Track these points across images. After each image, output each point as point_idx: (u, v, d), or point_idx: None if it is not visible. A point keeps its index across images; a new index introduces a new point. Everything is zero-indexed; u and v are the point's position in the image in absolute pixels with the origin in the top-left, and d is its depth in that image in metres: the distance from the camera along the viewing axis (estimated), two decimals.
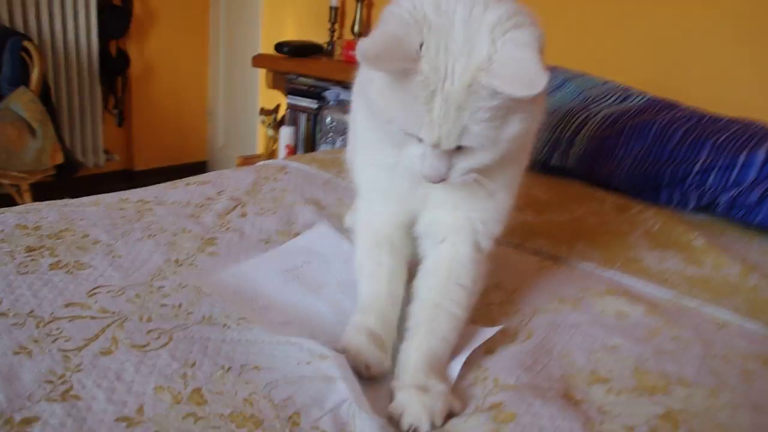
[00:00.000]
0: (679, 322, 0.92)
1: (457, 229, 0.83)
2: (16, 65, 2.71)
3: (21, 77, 2.72)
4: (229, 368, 0.70)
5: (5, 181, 2.60)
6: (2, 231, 1.00)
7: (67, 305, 0.80)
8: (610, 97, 1.84)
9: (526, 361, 0.77)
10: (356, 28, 2.81)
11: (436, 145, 0.69)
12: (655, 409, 0.70)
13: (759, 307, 1.01)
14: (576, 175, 1.70)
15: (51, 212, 1.10)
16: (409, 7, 0.68)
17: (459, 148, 0.70)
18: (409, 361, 0.72)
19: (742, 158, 1.43)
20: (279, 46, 2.81)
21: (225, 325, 0.79)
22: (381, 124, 0.74)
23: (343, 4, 2.96)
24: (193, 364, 0.70)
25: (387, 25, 0.68)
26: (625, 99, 1.84)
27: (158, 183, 1.31)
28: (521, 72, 0.62)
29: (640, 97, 1.85)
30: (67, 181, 2.92)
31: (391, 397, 0.69)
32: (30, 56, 2.70)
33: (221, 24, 3.82)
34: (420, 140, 0.71)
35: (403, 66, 0.66)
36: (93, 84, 3.37)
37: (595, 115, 1.73)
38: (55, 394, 0.63)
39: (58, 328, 0.74)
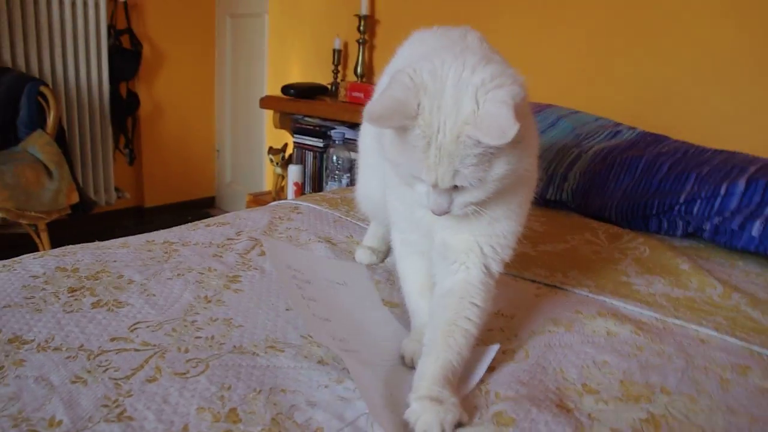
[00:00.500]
0: (664, 339, 1.01)
1: (467, 252, 0.92)
2: (32, 110, 2.83)
3: (37, 121, 2.84)
4: (260, 390, 0.79)
5: (24, 221, 2.70)
6: (44, 274, 1.10)
7: (112, 339, 0.89)
8: (602, 133, 1.96)
9: (523, 377, 0.86)
10: (359, 70, 2.94)
11: (435, 185, 0.80)
12: (639, 414, 0.79)
13: (738, 324, 1.10)
14: (571, 208, 1.80)
15: (85, 255, 1.20)
16: (411, 73, 0.80)
17: (456, 187, 0.81)
18: (426, 373, 0.80)
19: (723, 188, 1.54)
20: (285, 89, 2.94)
21: (254, 353, 0.88)
22: (394, 168, 0.86)
23: (345, 47, 3.10)
24: (229, 388, 0.79)
25: (391, 89, 0.80)
26: (616, 134, 1.94)
27: (168, 218, 1.40)
28: (495, 125, 0.73)
29: (630, 132, 1.96)
30: (82, 219, 3.02)
31: (406, 406, 0.78)
32: (46, 100, 2.82)
33: (227, 65, 3.97)
34: (423, 181, 0.82)
35: (403, 123, 0.78)
36: (105, 125, 3.50)
37: (587, 151, 1.84)
38: (112, 416, 0.72)
39: (107, 360, 0.84)
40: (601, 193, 1.72)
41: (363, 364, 0.87)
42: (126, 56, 3.59)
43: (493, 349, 0.90)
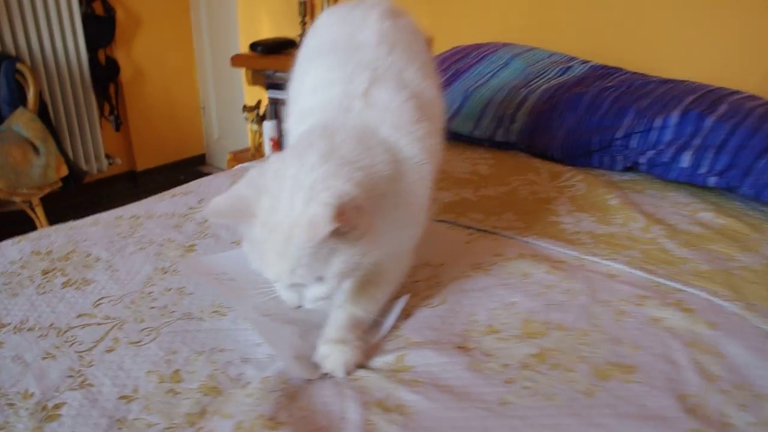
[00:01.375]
0: (575, 277, 1.12)
1: None
2: (12, 87, 2.90)
3: (18, 98, 2.92)
4: (202, 352, 0.92)
5: (17, 199, 2.81)
6: (21, 259, 1.22)
7: (79, 316, 1.02)
8: (553, 70, 2.03)
9: (435, 322, 0.98)
10: None
11: (278, 281, 0.87)
12: (531, 350, 0.91)
13: (651, 256, 1.21)
14: (519, 149, 1.89)
15: (59, 236, 1.32)
16: (259, 172, 0.86)
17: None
18: (334, 321, 0.92)
19: (658, 122, 1.62)
20: (253, 46, 3.00)
21: (200, 318, 1.01)
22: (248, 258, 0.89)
23: None
24: (175, 352, 0.92)
25: (239, 186, 0.86)
26: (567, 71, 2.02)
27: (161, 179, 1.49)
28: (311, 224, 0.77)
29: (582, 67, 2.03)
30: (77, 189, 3.13)
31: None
32: (24, 77, 2.89)
33: (203, 24, 4.00)
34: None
35: (241, 220, 0.85)
36: (87, 94, 3.55)
37: (535, 91, 1.92)
38: (75, 385, 0.85)
39: (73, 335, 0.97)
40: (546, 133, 1.81)
41: (278, 323, 0.98)
42: (100, 23, 3.61)
43: (402, 301, 1.02)
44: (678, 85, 1.77)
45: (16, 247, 1.28)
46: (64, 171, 2.94)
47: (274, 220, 0.80)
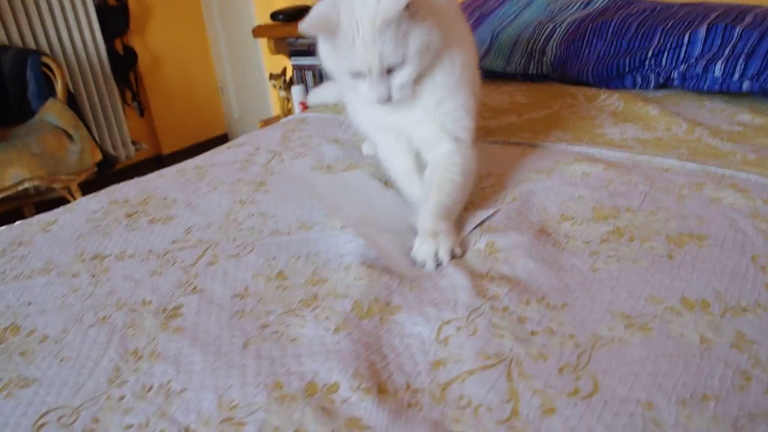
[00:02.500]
0: (632, 172, 1.18)
1: (435, 133, 1.13)
2: (40, 81, 2.97)
3: (47, 90, 2.99)
4: (299, 256, 0.98)
5: (57, 185, 2.89)
6: (101, 208, 1.29)
7: (173, 242, 1.09)
8: (575, 5, 2.07)
9: (511, 215, 1.05)
10: None
11: (370, 71, 1.00)
12: (607, 228, 0.98)
13: (699, 152, 1.27)
14: (553, 79, 1.95)
15: (131, 189, 1.39)
16: None
17: (389, 72, 1.01)
18: (424, 213, 1.00)
19: (686, 37, 1.67)
20: (274, 15, 3.05)
21: (288, 233, 1.07)
22: (335, 73, 1.08)
23: None
24: (274, 258, 0.98)
25: (317, 7, 1.02)
26: (587, 5, 2.07)
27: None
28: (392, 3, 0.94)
29: (602, 0, 2.08)
30: (108, 174, 3.21)
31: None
32: (51, 70, 2.96)
33: (213, 4, 4.05)
34: (361, 76, 1.02)
35: (329, 29, 1.00)
36: (108, 83, 3.63)
37: (561, 24, 1.97)
38: (188, 291, 0.92)
39: (173, 256, 1.03)
40: (578, 60, 1.86)
41: (378, 231, 1.05)
42: (114, 13, 3.68)
43: (489, 212, 1.08)
44: (699, 5, 1.82)
45: (93, 200, 1.35)
46: (99, 156, 3.02)
47: (357, 19, 0.97)
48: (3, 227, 1.28)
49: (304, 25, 0.99)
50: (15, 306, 0.95)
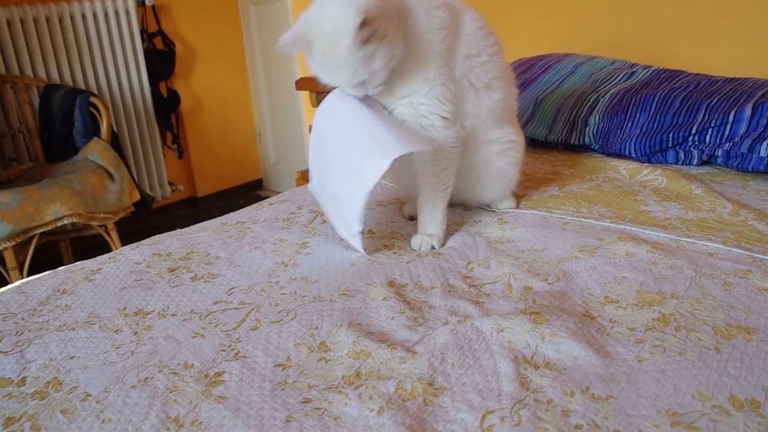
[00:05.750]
0: (676, 255, 1.17)
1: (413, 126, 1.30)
2: (86, 120, 3.05)
3: (92, 129, 3.06)
4: (341, 326, 0.98)
5: (95, 223, 2.94)
6: (144, 260, 1.31)
7: (215, 303, 1.10)
8: (618, 76, 2.09)
9: (555, 294, 1.04)
10: None
11: (346, 85, 1.20)
12: (652, 315, 0.97)
13: (744, 236, 1.25)
14: (594, 150, 1.95)
15: (173, 241, 1.41)
16: (304, 14, 1.17)
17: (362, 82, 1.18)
18: (422, 221, 1.34)
19: (732, 115, 1.67)
20: None
21: (331, 300, 1.07)
22: (324, 82, 1.22)
23: None
24: (316, 327, 0.99)
25: (296, 24, 1.18)
26: (631, 75, 2.07)
27: (221, 204, 1.58)
28: (352, 33, 1.09)
29: (645, 71, 2.08)
30: (145, 214, 3.26)
31: None
32: (97, 110, 3.04)
33: (256, 51, 4.15)
34: None
35: (304, 46, 1.16)
36: (151, 124, 3.71)
37: (604, 95, 1.98)
38: (230, 357, 0.92)
39: (215, 318, 1.04)
40: (621, 133, 1.87)
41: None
42: (161, 57, 3.78)
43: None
44: (745, 82, 1.82)
45: (136, 250, 1.37)
46: (137, 196, 3.07)
47: (327, 43, 1.12)
48: (47, 273, 1.30)
49: (281, 42, 1.15)
50: (58, 359, 0.96)
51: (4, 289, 1.24)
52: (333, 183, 1.30)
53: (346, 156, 1.24)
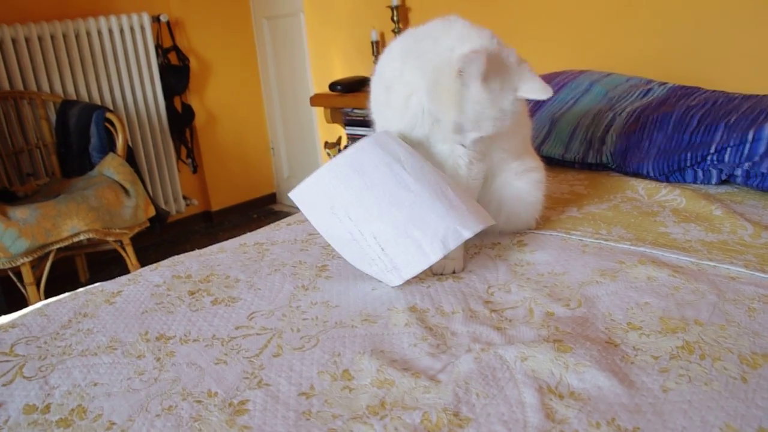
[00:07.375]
0: (698, 279, 1.16)
1: None
2: (102, 136, 3.07)
3: (108, 145, 3.09)
4: (364, 353, 0.98)
5: (110, 238, 2.96)
6: (164, 282, 1.31)
7: (237, 328, 1.10)
8: (634, 93, 2.08)
9: (577, 320, 1.04)
10: None
11: (455, 128, 1.28)
12: (676, 343, 0.96)
13: (767, 260, 1.25)
14: (612, 169, 1.94)
15: (192, 263, 1.41)
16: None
17: None
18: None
19: (751, 134, 1.66)
20: (333, 86, 3.11)
21: (353, 326, 1.07)
22: None
23: (382, 37, 3.26)
24: (339, 354, 0.99)
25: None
26: (647, 93, 2.07)
27: (235, 218, 1.58)
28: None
29: (661, 89, 2.07)
30: (160, 229, 3.28)
31: None
32: (113, 125, 3.06)
33: (270, 66, 4.17)
34: None
35: None
36: (165, 139, 3.74)
37: (620, 113, 1.97)
38: (253, 385, 0.92)
39: (237, 344, 1.04)
40: (638, 152, 1.86)
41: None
42: (176, 72, 3.81)
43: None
44: (763, 99, 1.81)
45: (155, 272, 1.37)
46: (152, 211, 3.08)
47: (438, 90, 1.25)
48: (67, 294, 1.31)
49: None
50: (81, 385, 0.96)
51: (26, 311, 1.25)
52: (369, 223, 1.22)
53: (400, 203, 1.22)
